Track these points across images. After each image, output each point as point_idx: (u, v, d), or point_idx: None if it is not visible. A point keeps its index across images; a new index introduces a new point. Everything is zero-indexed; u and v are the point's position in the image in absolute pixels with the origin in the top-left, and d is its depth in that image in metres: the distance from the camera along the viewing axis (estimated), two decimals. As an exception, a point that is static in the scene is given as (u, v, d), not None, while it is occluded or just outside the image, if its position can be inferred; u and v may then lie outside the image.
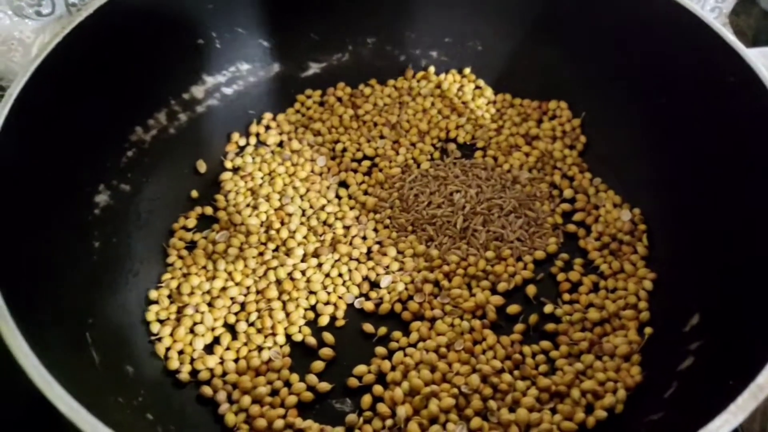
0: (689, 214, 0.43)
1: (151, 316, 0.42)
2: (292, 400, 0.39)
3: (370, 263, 0.45)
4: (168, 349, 0.41)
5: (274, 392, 0.40)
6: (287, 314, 0.43)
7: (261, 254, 0.45)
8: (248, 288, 0.43)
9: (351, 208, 0.48)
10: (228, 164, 0.50)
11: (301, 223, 0.47)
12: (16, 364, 0.29)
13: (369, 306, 0.43)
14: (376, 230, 0.47)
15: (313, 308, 0.43)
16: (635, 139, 0.48)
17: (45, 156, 0.39)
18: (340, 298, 0.44)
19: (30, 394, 0.28)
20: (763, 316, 0.32)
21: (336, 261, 0.45)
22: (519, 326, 0.42)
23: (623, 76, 0.49)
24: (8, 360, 0.29)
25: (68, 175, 0.41)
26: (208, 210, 0.48)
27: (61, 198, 0.40)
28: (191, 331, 0.41)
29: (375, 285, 0.45)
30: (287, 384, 0.40)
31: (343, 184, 0.50)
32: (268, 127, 0.53)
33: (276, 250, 0.45)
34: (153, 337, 0.41)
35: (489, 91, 0.55)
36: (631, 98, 0.49)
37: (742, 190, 0.40)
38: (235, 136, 0.52)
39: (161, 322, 0.42)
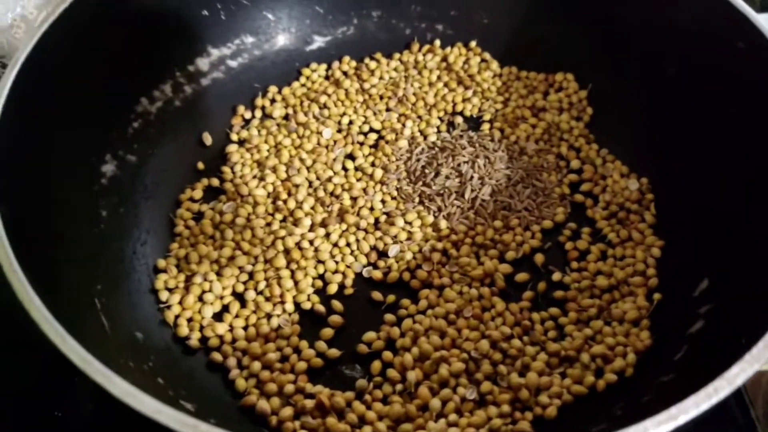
0: (696, 182, 0.43)
1: (159, 284, 0.42)
2: (301, 366, 0.39)
3: (378, 233, 0.45)
4: (177, 316, 0.41)
5: (284, 358, 0.39)
6: (296, 283, 0.42)
7: (269, 224, 0.45)
8: (256, 257, 0.43)
9: (358, 180, 0.48)
10: (234, 137, 0.50)
11: (308, 194, 0.47)
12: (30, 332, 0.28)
13: (377, 275, 0.43)
14: (383, 201, 0.47)
15: (321, 277, 0.43)
16: (642, 109, 0.48)
17: (50, 126, 0.39)
18: (348, 267, 0.44)
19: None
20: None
21: (344, 231, 0.45)
22: (528, 293, 0.42)
23: (630, 47, 0.49)
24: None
25: (74, 145, 0.41)
26: (215, 182, 0.48)
27: (67, 166, 0.40)
28: (200, 299, 0.41)
29: (383, 254, 0.45)
30: (297, 350, 0.40)
31: (350, 156, 0.50)
32: (273, 101, 0.52)
33: (283, 220, 0.45)
34: (162, 305, 0.41)
35: (495, 64, 0.55)
36: (638, 68, 0.49)
37: (749, 157, 0.40)
38: (241, 109, 0.51)
39: (170, 290, 0.42)
